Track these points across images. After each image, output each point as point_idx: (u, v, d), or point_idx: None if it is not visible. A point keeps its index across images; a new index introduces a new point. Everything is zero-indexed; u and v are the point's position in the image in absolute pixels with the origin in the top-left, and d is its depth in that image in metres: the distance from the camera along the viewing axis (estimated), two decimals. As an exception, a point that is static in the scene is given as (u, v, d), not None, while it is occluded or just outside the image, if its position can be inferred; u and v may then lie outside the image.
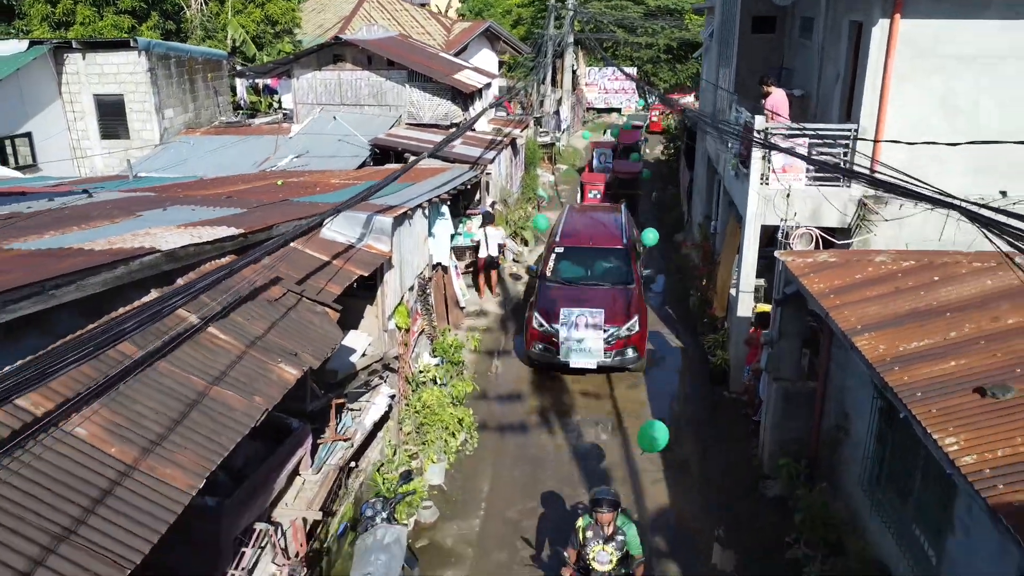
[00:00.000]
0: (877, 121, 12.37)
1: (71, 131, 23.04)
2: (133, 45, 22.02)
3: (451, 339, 14.00)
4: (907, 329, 7.33)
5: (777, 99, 13.01)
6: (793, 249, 11.44)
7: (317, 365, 7.12)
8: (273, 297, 7.77)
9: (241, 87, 30.16)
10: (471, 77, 24.72)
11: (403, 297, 12.07)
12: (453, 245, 18.17)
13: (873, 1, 11.93)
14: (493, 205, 21.06)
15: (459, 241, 18.63)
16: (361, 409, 10.28)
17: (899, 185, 8.00)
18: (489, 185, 20.78)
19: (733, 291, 14.77)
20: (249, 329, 7.02)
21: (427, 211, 13.71)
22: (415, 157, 14.69)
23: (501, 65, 39.91)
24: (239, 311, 7.19)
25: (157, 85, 22.76)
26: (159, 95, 22.83)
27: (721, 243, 16.74)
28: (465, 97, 22.91)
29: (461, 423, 11.57)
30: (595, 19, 42.21)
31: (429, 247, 14.15)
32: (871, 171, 9.96)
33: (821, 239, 11.63)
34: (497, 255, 18.37)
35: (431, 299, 13.85)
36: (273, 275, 8.17)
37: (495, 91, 28.96)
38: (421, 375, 12.64)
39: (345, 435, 9.55)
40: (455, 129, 22.59)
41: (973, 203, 5.63)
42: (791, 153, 10.49)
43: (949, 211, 12.29)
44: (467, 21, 41.60)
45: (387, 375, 11.20)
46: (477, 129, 23.52)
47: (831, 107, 14.41)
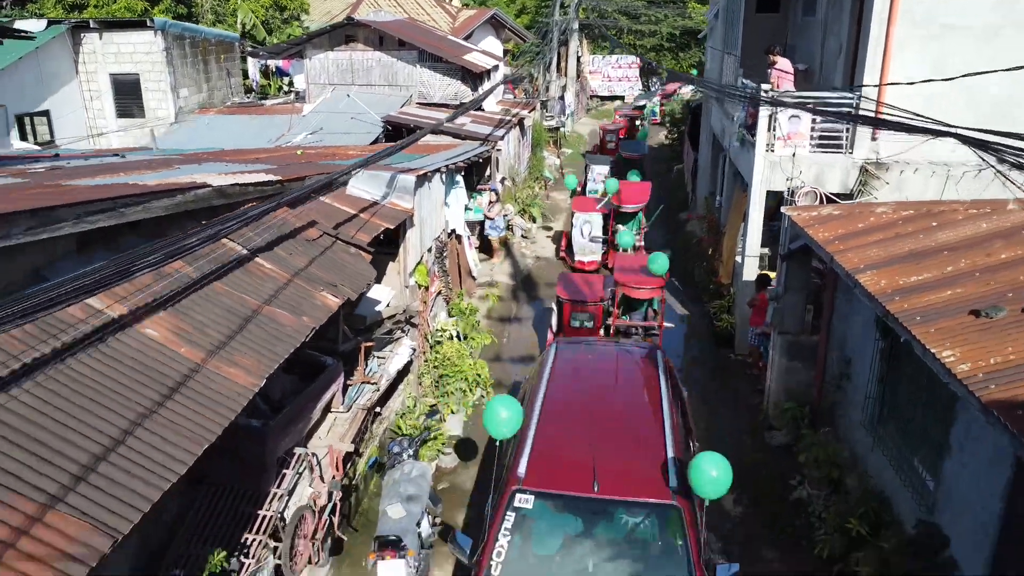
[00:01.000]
0: (878, 90, 12.83)
1: (87, 110, 23.45)
2: (150, 25, 22.44)
3: (466, 303, 14.48)
4: (906, 266, 7.82)
5: (783, 66, 13.47)
6: (798, 205, 11.92)
7: (355, 296, 7.61)
8: (311, 237, 8.26)
9: (253, 68, 30.58)
10: (480, 58, 25.17)
11: (422, 257, 12.55)
12: (465, 219, 18.68)
13: (875, -28, 12.41)
14: (502, 182, 21.55)
15: (470, 216, 19.11)
16: (386, 357, 10.77)
17: (903, 123, 8.53)
18: (499, 162, 21.26)
19: (739, 258, 15.26)
20: (292, 262, 7.51)
21: (443, 177, 14.18)
22: (435, 134, 15.16)
23: (505, 53, 40.31)
24: (282, 246, 7.68)
25: (172, 65, 23.17)
26: (174, 75, 23.24)
27: (726, 216, 17.23)
28: (474, 77, 23.36)
29: (479, 377, 12.05)
30: (599, 6, 42.62)
31: (445, 213, 14.63)
32: (876, 113, 10.40)
33: (825, 197, 12.10)
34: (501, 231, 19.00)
35: (447, 263, 14.33)
36: (310, 218, 8.65)
37: (501, 75, 29.42)
38: (439, 332, 13.12)
39: (372, 379, 10.04)
40: (472, 99, 23.12)
41: (969, 128, 6.08)
42: (799, 106, 10.99)
43: (949, 173, 13.02)
44: (471, 9, 41.99)
45: (408, 329, 11.69)
46: (486, 109, 23.99)
47: (834, 81, 14.87)
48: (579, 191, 22.67)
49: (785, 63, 13.56)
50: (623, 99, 46.10)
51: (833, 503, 9.67)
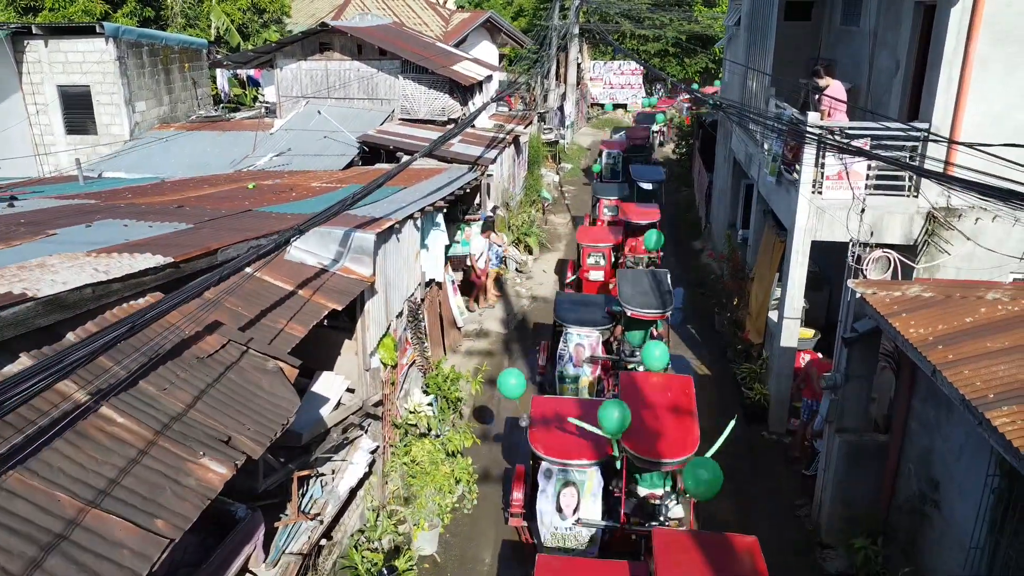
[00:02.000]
0: (953, 117, 10.42)
1: (33, 125, 21.01)
2: (100, 31, 20.00)
3: (447, 370, 12.03)
4: (1065, 404, 5.39)
5: (836, 91, 11.03)
6: (868, 276, 9.47)
7: (259, 453, 5.15)
8: (207, 351, 5.81)
9: (222, 78, 28.13)
10: (470, 68, 22.72)
11: (389, 327, 10.10)
12: (449, 255, 16.23)
13: (953, -22, 9.98)
14: (495, 210, 19.09)
15: (456, 250, 16.66)
16: (335, 472, 8.31)
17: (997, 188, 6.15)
18: (490, 188, 18.80)
19: (773, 315, 12.83)
20: (164, 405, 5.06)
21: (419, 221, 11.74)
22: (407, 158, 12.74)
23: (502, 59, 37.89)
24: (153, 376, 5.23)
25: (127, 76, 20.73)
26: (129, 87, 20.82)
27: (754, 257, 14.79)
28: (464, 90, 20.90)
29: (457, 481, 9.62)
30: (601, 9, 40.16)
31: (421, 263, 12.18)
32: (946, 166, 7.88)
33: (900, 264, 9.65)
34: (495, 264, 16.42)
35: (424, 324, 11.88)
36: (212, 318, 6.19)
37: (496, 84, 26.96)
38: (411, 416, 10.68)
39: (312, 513, 7.59)
40: (453, 126, 20.65)
41: None
42: (868, 154, 8.51)
43: (1036, 226, 10.61)
44: (466, 12, 39.56)
45: (368, 423, 9.24)
46: (477, 125, 21.53)
47: (887, 102, 12.45)
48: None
49: (837, 88, 11.14)
50: (626, 107, 43.68)
51: None
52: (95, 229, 7.76)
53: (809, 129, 10.44)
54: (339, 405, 8.63)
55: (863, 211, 9.66)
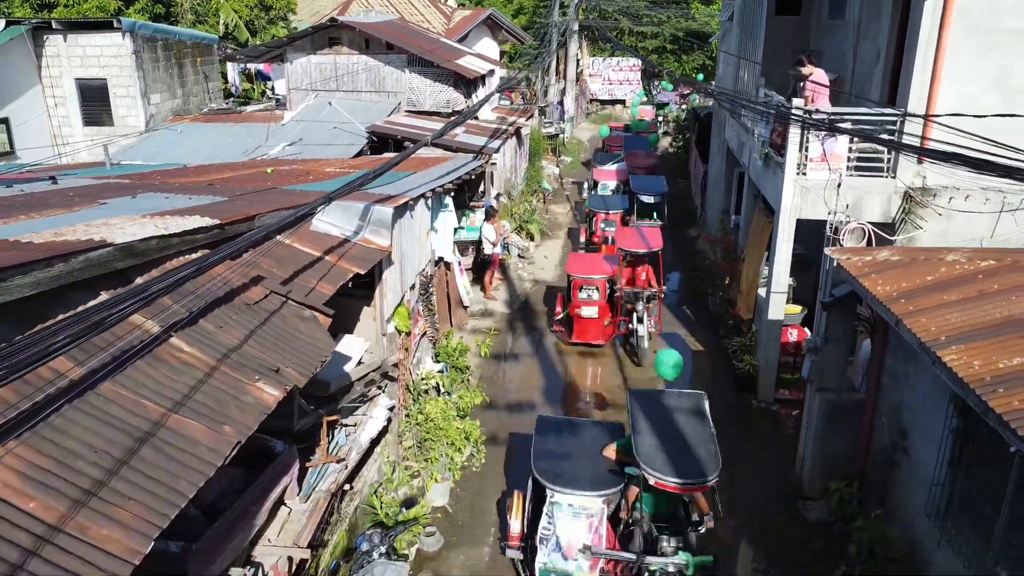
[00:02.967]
0: (928, 103, 11.21)
1: (51, 117, 21.76)
2: (117, 26, 20.75)
3: (455, 342, 12.81)
4: (1006, 341, 6.17)
5: (819, 78, 11.80)
6: (844, 246, 10.26)
7: (303, 383, 5.94)
8: (253, 300, 6.59)
9: (233, 72, 28.88)
10: (474, 63, 23.49)
11: (403, 297, 10.89)
12: (456, 239, 17.01)
13: (927, -29, 10.76)
14: (498, 198, 19.87)
15: (461, 236, 17.45)
16: (357, 424, 9.10)
17: (969, 157, 6.91)
18: (493, 176, 19.59)
19: (762, 291, 13.62)
20: (221, 339, 5.84)
21: (430, 202, 12.52)
22: (416, 143, 13.50)
23: (502, 55, 38.64)
24: (210, 317, 6.01)
25: (143, 69, 21.49)
26: (145, 80, 21.56)
27: (745, 239, 15.58)
28: (468, 83, 21.68)
29: (468, 437, 10.40)
30: (599, 7, 40.92)
31: (431, 242, 12.96)
32: (922, 140, 8.61)
33: (873, 235, 10.44)
34: (500, 252, 17.19)
35: (434, 298, 12.66)
36: (254, 273, 6.98)
37: (497, 80, 27.73)
38: (423, 383, 11.46)
39: (338, 456, 8.37)
40: (457, 117, 21.42)
41: None
42: (836, 129, 9.29)
43: (1004, 201, 11.39)
44: (467, 9, 40.29)
45: (386, 384, 10.02)
46: (480, 117, 22.31)
47: (869, 90, 13.24)
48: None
49: (820, 75, 11.90)
50: (624, 103, 44.43)
51: (891, 605, 8.06)
52: (140, 200, 8.53)
53: (793, 113, 11.22)
54: (360, 363, 9.41)
55: (839, 186, 10.42)
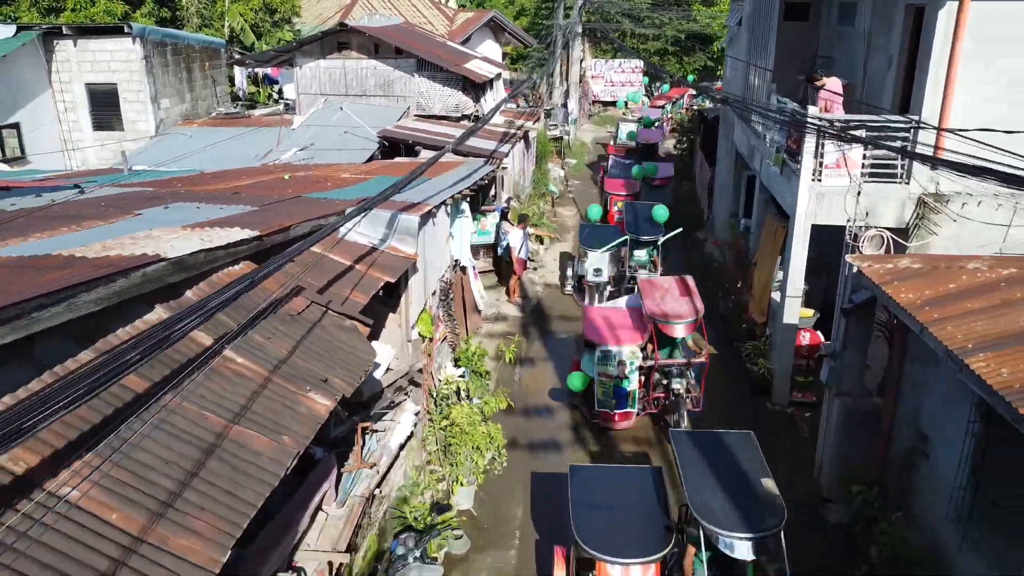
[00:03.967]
0: (941, 111, 11.38)
1: (62, 122, 21.85)
2: (127, 31, 20.84)
3: (474, 346, 12.97)
4: (1033, 350, 6.34)
5: (833, 86, 11.97)
6: (863, 252, 10.42)
7: (351, 392, 6.09)
8: (295, 310, 6.73)
9: (240, 76, 28.98)
10: (482, 67, 23.64)
11: (426, 303, 11.04)
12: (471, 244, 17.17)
13: (940, -18, 10.94)
14: (509, 201, 20.02)
15: (474, 239, 17.60)
16: (386, 430, 9.25)
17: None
18: (504, 180, 19.74)
19: (775, 295, 13.78)
20: (271, 351, 5.98)
21: (449, 208, 12.67)
22: (437, 151, 13.66)
23: (505, 57, 38.80)
24: (258, 328, 6.15)
25: (153, 74, 21.60)
26: (155, 84, 21.68)
27: (756, 243, 15.75)
28: (476, 87, 21.83)
29: (492, 440, 10.56)
30: (602, 9, 41.09)
31: (450, 247, 13.11)
32: (936, 150, 8.74)
33: (892, 242, 10.61)
34: (525, 255, 17.41)
35: (453, 304, 12.81)
36: (293, 284, 7.12)
37: (502, 83, 27.89)
38: (445, 387, 11.61)
39: (370, 461, 8.52)
40: (466, 121, 21.57)
41: None
42: (850, 137, 9.45)
43: (1016, 205, 11.56)
44: (469, 11, 40.44)
45: (411, 389, 10.17)
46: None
47: (881, 97, 13.41)
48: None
49: (835, 83, 12.08)
50: (626, 104, 44.55)
51: (913, 607, 8.23)
52: (172, 211, 8.66)
53: (809, 120, 11.39)
54: (388, 370, 9.55)
55: (859, 194, 10.59)
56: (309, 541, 7.40)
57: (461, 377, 11.76)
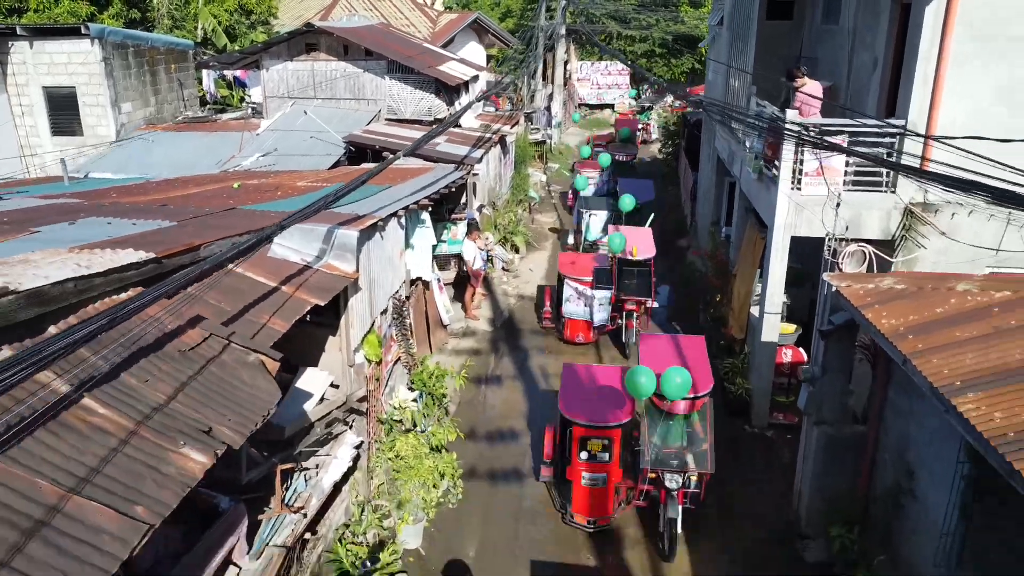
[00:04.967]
0: (929, 114, 10.59)
1: (18, 127, 20.98)
2: (85, 32, 19.97)
3: (432, 366, 12.12)
4: (1028, 389, 5.53)
5: (811, 89, 11.19)
6: (843, 270, 9.61)
7: (239, 443, 5.24)
8: (189, 344, 5.88)
9: (209, 79, 28.11)
10: (456, 69, 22.82)
11: (374, 323, 10.19)
12: (436, 254, 16.32)
13: (928, -24, 10.15)
14: (480, 209, 19.19)
15: (443, 249, 16.76)
16: (319, 466, 8.39)
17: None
18: (476, 187, 18.90)
19: (755, 310, 12.98)
20: (146, 396, 5.13)
21: (404, 219, 11.82)
22: (396, 154, 12.81)
23: (489, 59, 38.01)
24: (135, 369, 5.30)
25: (113, 77, 20.75)
26: (115, 88, 20.81)
27: (736, 253, 14.94)
28: (450, 91, 21.00)
29: (443, 475, 9.71)
30: (587, 10, 40.33)
31: (406, 261, 12.27)
32: (922, 162, 7.86)
33: (875, 257, 9.80)
34: (483, 268, 16.52)
35: (409, 321, 11.97)
36: (193, 312, 6.27)
37: (482, 85, 27.07)
38: (396, 412, 10.77)
39: (296, 505, 7.67)
40: (438, 125, 20.73)
41: None
42: (841, 149, 8.65)
43: (1010, 217, 10.79)
44: (453, 13, 39.65)
45: (353, 419, 9.32)
46: (463, 125, 21.63)
47: (866, 99, 12.62)
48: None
49: (814, 87, 11.30)
50: (613, 107, 43.82)
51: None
52: (78, 227, 7.82)
53: (788, 126, 10.58)
54: (323, 400, 8.70)
55: (838, 205, 9.79)
56: (216, 602, 6.54)
57: (414, 402, 10.92)
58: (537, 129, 31.18)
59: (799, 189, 11.01)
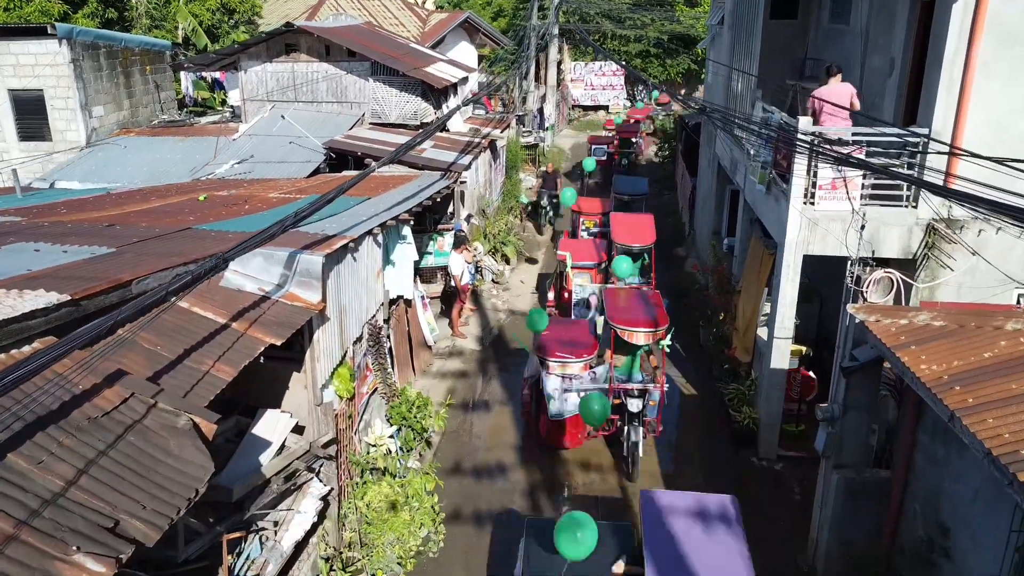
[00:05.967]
0: (955, 123, 9.67)
1: (-17, 132, 19.94)
2: (52, 32, 18.93)
3: (414, 395, 11.15)
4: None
5: (824, 96, 10.26)
6: (868, 299, 8.67)
7: (154, 540, 4.26)
8: (103, 409, 4.90)
9: (187, 81, 27.08)
10: (445, 70, 21.83)
11: (345, 355, 9.21)
12: (423, 266, 15.37)
13: (954, -29, 9.22)
14: (469, 219, 18.21)
15: (429, 262, 15.81)
16: (279, 523, 7.42)
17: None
18: (464, 195, 17.93)
19: (762, 332, 12.04)
20: (35, 483, 4.15)
21: (381, 237, 10.85)
22: (371, 166, 11.86)
23: (481, 60, 37.05)
24: (25, 447, 4.32)
25: (83, 79, 19.71)
26: (86, 90, 19.79)
27: (740, 268, 14.01)
28: (438, 93, 20.00)
29: (421, 525, 8.74)
30: (580, 10, 39.37)
31: (384, 280, 11.30)
32: (946, 180, 6.91)
33: (903, 284, 8.86)
34: (470, 282, 15.57)
35: (387, 348, 11.00)
36: (115, 365, 5.29)
37: (473, 87, 26.09)
38: (373, 450, 9.80)
39: (250, 575, 6.69)
40: (423, 130, 19.74)
41: None
42: (867, 166, 7.72)
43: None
44: (444, 12, 38.64)
45: (320, 464, 8.34)
46: (452, 130, 20.65)
47: (881, 105, 11.71)
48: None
49: (836, 92, 10.34)
50: (607, 108, 42.82)
51: None
52: (1, 255, 6.83)
53: (800, 136, 9.66)
54: (283, 449, 7.72)
55: (863, 227, 8.84)
56: None
57: (391, 439, 9.94)
58: (529, 132, 30.21)
59: (812, 204, 10.09)
